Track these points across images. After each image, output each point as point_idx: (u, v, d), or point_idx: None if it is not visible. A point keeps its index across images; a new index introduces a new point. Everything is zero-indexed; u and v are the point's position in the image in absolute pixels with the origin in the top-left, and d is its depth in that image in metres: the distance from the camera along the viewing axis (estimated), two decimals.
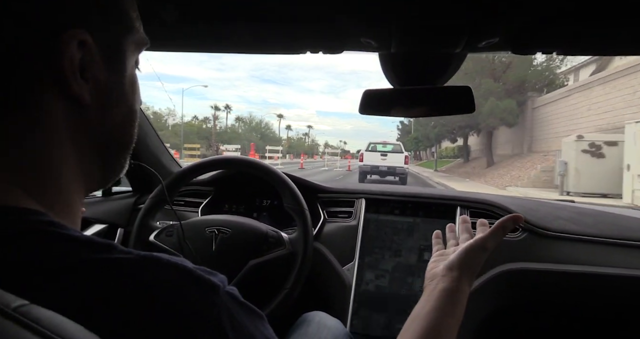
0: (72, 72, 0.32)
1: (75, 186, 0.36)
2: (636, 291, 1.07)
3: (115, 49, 0.36)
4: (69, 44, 0.32)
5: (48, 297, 0.26)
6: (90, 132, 0.36)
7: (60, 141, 0.34)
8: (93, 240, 0.30)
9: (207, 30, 0.72)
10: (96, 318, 0.27)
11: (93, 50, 0.34)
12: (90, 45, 0.33)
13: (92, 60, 0.34)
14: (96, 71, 0.34)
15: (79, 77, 0.33)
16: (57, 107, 0.33)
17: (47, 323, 0.23)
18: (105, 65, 0.35)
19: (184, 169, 1.12)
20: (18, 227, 0.29)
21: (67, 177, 0.35)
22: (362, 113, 0.90)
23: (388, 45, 0.70)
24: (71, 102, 0.33)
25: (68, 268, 0.28)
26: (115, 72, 0.37)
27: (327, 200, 1.34)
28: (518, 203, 1.25)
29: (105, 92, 0.36)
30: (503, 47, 0.71)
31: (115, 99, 0.37)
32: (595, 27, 0.63)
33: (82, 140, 0.35)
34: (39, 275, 0.28)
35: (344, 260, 1.21)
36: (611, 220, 1.18)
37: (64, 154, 0.34)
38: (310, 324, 0.86)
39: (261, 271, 0.97)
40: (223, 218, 1.03)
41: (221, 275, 0.33)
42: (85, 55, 0.33)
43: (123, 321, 0.27)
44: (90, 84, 0.34)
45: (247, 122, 63.29)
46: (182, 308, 0.29)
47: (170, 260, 0.31)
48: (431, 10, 0.59)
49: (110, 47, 0.36)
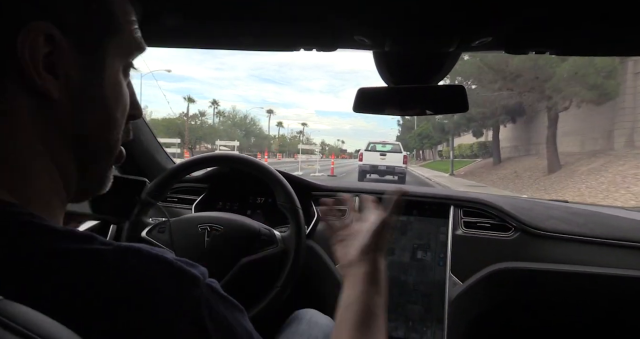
0: (35, 65, 0.31)
1: (53, 186, 0.35)
2: (626, 290, 1.08)
3: (93, 49, 0.35)
4: (31, 36, 0.31)
5: (25, 288, 0.26)
6: (61, 131, 0.35)
7: (27, 137, 0.33)
8: (72, 231, 0.30)
9: (203, 27, 0.72)
10: (73, 309, 0.27)
11: (64, 46, 0.32)
12: (59, 40, 0.32)
13: (62, 56, 0.33)
14: (68, 68, 0.33)
15: (42, 71, 0.32)
16: (22, 101, 0.32)
17: (21, 319, 0.23)
18: (80, 64, 0.34)
19: (177, 165, 1.11)
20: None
21: (42, 177, 0.34)
22: (357, 111, 0.90)
23: (382, 43, 0.70)
24: (38, 97, 0.32)
25: (46, 258, 0.28)
26: (91, 71, 0.35)
27: (320, 198, 1.33)
28: (511, 202, 1.25)
29: (78, 91, 0.34)
30: (496, 47, 0.71)
31: (90, 100, 0.36)
32: (587, 28, 0.64)
33: (53, 139, 0.34)
34: (17, 266, 0.27)
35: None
36: (601, 220, 1.19)
37: (33, 151, 0.33)
38: (302, 322, 0.86)
39: (253, 269, 0.97)
40: (216, 215, 1.03)
41: (202, 267, 0.33)
42: (55, 50, 0.32)
43: (101, 312, 0.27)
44: (61, 80, 0.33)
45: (230, 117, 53.54)
46: (161, 298, 0.29)
47: (151, 251, 0.31)
48: (424, 10, 0.59)
49: (87, 45, 0.35)
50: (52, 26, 0.31)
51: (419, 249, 1.22)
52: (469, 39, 0.67)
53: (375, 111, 0.90)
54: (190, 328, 0.29)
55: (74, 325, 0.25)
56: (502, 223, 1.19)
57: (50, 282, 0.27)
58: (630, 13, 0.58)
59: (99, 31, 0.35)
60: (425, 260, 1.21)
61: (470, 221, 1.21)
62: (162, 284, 0.30)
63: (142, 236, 1.01)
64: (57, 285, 0.27)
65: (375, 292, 0.55)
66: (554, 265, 1.11)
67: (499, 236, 1.17)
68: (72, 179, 0.37)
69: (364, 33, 0.67)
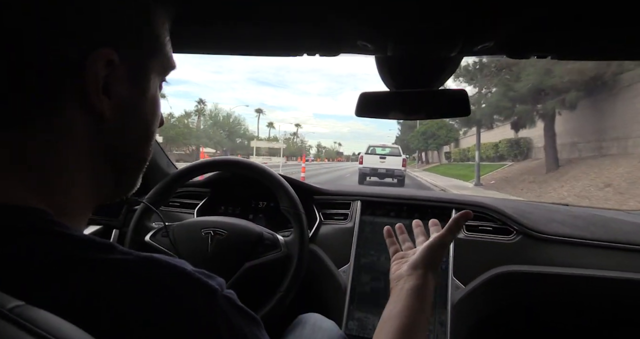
0: (95, 89, 0.33)
1: (86, 197, 0.36)
2: (628, 293, 1.08)
3: (140, 68, 0.38)
4: (96, 63, 0.33)
5: (46, 296, 0.26)
6: (107, 145, 0.36)
7: (78, 151, 0.34)
8: (93, 240, 0.31)
9: (205, 32, 0.72)
10: (93, 318, 0.27)
11: (119, 68, 0.34)
12: (116, 63, 0.34)
13: (116, 78, 0.35)
14: (120, 88, 0.35)
15: (101, 93, 0.34)
16: (79, 120, 0.34)
17: (42, 324, 0.23)
18: (129, 83, 0.37)
19: (180, 170, 1.11)
20: (20, 226, 0.29)
21: (80, 188, 0.35)
22: (359, 115, 0.90)
23: (384, 48, 0.71)
24: (93, 115, 0.34)
25: (67, 267, 0.28)
26: (138, 89, 0.38)
27: (323, 202, 1.34)
28: (513, 206, 1.25)
29: (126, 108, 0.37)
30: (498, 51, 0.71)
31: (135, 116, 0.38)
32: (589, 33, 0.64)
33: (99, 152, 0.36)
34: (37, 274, 0.28)
35: (340, 262, 1.21)
36: (603, 223, 1.19)
37: (80, 165, 0.35)
38: (305, 326, 0.86)
39: (256, 273, 0.97)
40: (219, 219, 1.03)
41: (220, 279, 0.34)
42: (111, 73, 0.34)
43: (120, 322, 0.27)
44: (112, 100, 0.35)
45: (213, 115, 47.71)
46: (179, 310, 0.29)
47: (170, 262, 0.31)
48: (427, 14, 0.59)
49: (137, 65, 0.37)
50: (113, 52, 0.33)
51: None
52: (470, 43, 0.68)
53: (377, 115, 0.91)
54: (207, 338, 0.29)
55: (93, 333, 0.26)
56: (503, 226, 1.19)
57: (70, 291, 0.27)
58: (634, 16, 0.59)
59: (147, 53, 0.38)
60: None
61: (472, 224, 1.22)
62: (180, 295, 0.30)
63: (145, 241, 1.01)
64: (76, 294, 0.27)
65: (418, 308, 0.55)
66: (556, 268, 1.11)
67: (501, 240, 1.17)
68: (105, 192, 0.39)
69: (367, 38, 0.68)
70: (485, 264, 1.14)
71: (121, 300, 0.28)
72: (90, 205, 0.38)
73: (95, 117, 0.34)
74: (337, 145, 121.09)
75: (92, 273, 0.29)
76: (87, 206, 0.37)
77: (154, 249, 1.00)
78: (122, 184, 0.41)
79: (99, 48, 0.33)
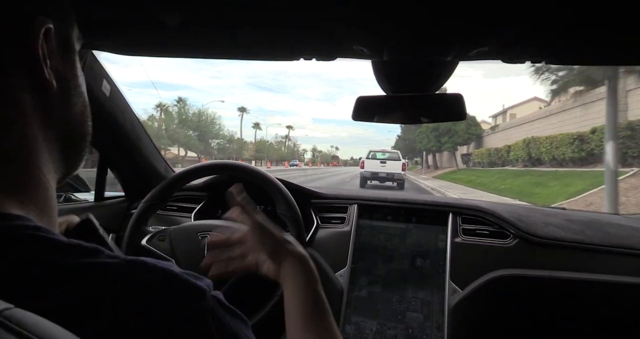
0: (44, 60, 0.32)
1: (49, 178, 0.35)
2: (624, 296, 1.09)
3: (68, 39, 0.37)
4: (39, 32, 0.31)
5: (34, 301, 0.26)
6: (56, 121, 0.35)
7: (33, 134, 0.33)
8: (79, 245, 0.30)
9: (202, 38, 0.73)
10: (82, 322, 0.27)
11: (54, 41, 0.33)
12: (52, 35, 0.33)
13: (52, 50, 0.33)
14: (55, 60, 0.34)
15: (48, 65, 0.32)
16: (27, 99, 0.32)
17: (31, 327, 0.23)
18: (62, 55, 0.35)
19: (177, 174, 1.11)
20: (3, 232, 0.29)
21: (42, 171, 0.34)
22: (355, 119, 0.91)
23: (380, 53, 0.71)
24: (39, 92, 0.33)
25: (54, 272, 0.28)
26: (69, 63, 0.37)
27: (320, 206, 1.34)
28: (510, 210, 1.26)
29: (65, 81, 0.36)
30: (493, 57, 0.72)
31: (74, 89, 0.37)
32: (583, 38, 0.65)
33: (49, 131, 0.35)
34: (25, 280, 0.27)
35: (337, 266, 1.21)
36: (599, 227, 1.19)
37: (37, 148, 0.34)
38: None
39: (253, 277, 0.97)
40: (216, 223, 1.03)
41: (207, 280, 0.34)
42: (48, 44, 0.32)
43: (109, 325, 0.27)
44: (53, 73, 0.34)
45: (182, 112, 39.08)
46: (168, 311, 0.29)
47: (157, 264, 0.31)
48: (422, 20, 0.60)
49: (65, 37, 0.36)
50: (49, 20, 0.32)
51: (418, 257, 1.22)
52: (466, 48, 0.69)
53: (374, 119, 0.91)
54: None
55: (83, 337, 0.25)
56: (500, 230, 1.19)
57: (58, 296, 0.27)
58: (628, 21, 0.59)
59: (70, 23, 0.37)
60: (424, 268, 1.21)
61: (469, 228, 1.22)
62: (168, 296, 0.30)
63: (142, 244, 1.01)
64: (65, 299, 0.27)
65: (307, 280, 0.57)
66: (553, 272, 1.11)
67: (498, 243, 1.17)
68: (59, 169, 0.38)
69: (362, 43, 0.69)
70: (483, 268, 1.14)
71: (110, 303, 0.28)
72: (53, 188, 0.36)
73: (43, 92, 0.33)
74: (334, 149, 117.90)
75: (80, 277, 0.28)
76: (52, 191, 0.36)
77: (151, 253, 0.99)
78: (71, 162, 0.39)
79: (36, 16, 0.31)
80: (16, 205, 0.31)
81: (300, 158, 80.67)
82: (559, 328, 1.20)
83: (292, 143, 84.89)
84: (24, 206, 0.32)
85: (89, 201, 1.35)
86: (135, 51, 0.83)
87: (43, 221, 0.33)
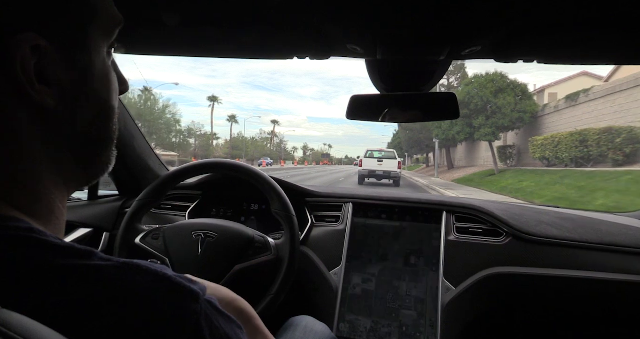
0: (29, 79, 0.30)
1: (55, 190, 0.35)
2: (616, 293, 1.10)
3: (77, 45, 0.34)
4: (18, 50, 0.30)
5: (25, 302, 0.26)
6: (63, 134, 0.34)
7: (30, 150, 0.33)
8: (72, 247, 0.30)
9: (198, 36, 0.73)
10: (74, 324, 0.27)
11: (50, 52, 0.31)
12: (45, 47, 0.31)
13: (50, 63, 0.32)
14: (58, 73, 0.32)
15: (36, 83, 0.31)
16: (22, 115, 0.32)
17: (19, 328, 0.23)
18: (67, 65, 0.33)
19: (171, 172, 1.11)
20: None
21: (46, 184, 0.34)
22: (350, 118, 0.91)
23: (374, 52, 0.72)
24: (35, 109, 0.32)
25: (46, 273, 0.28)
26: (79, 69, 0.34)
27: (315, 204, 1.34)
28: (503, 208, 1.27)
29: (71, 92, 0.34)
30: (486, 56, 0.72)
31: (84, 98, 0.35)
32: (575, 37, 0.65)
33: (55, 144, 0.34)
34: (15, 280, 0.27)
35: (331, 264, 1.22)
36: (591, 225, 1.20)
37: (37, 161, 0.33)
38: (297, 329, 0.86)
39: (247, 276, 0.97)
40: (210, 222, 1.03)
41: (201, 284, 0.33)
42: (42, 59, 0.31)
43: (100, 328, 0.27)
44: (53, 88, 0.32)
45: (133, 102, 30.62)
46: (162, 314, 0.29)
47: (150, 267, 0.31)
48: (415, 19, 0.60)
49: (71, 44, 0.33)
50: (37, 36, 0.30)
51: (412, 255, 1.23)
52: (459, 48, 0.69)
53: (368, 118, 0.92)
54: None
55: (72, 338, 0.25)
56: (493, 228, 1.20)
57: (50, 298, 0.27)
58: (619, 21, 0.60)
59: (79, 24, 0.34)
60: (418, 266, 1.21)
61: (463, 226, 1.23)
62: (162, 299, 0.30)
63: (135, 243, 1.01)
64: (56, 301, 0.27)
65: None
66: (545, 270, 1.12)
67: (491, 241, 1.18)
68: (76, 178, 0.37)
69: (356, 42, 0.69)
70: (476, 266, 1.15)
71: (102, 305, 0.28)
72: (63, 199, 0.36)
73: (40, 110, 0.32)
74: (328, 147, 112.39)
75: (73, 279, 0.28)
76: (59, 203, 0.36)
77: (144, 251, 0.99)
78: (91, 168, 0.38)
79: (18, 34, 0.29)
80: (19, 212, 0.31)
81: (290, 157, 76.48)
82: (551, 325, 1.21)
83: (279, 140, 76.94)
84: (26, 214, 0.32)
85: (82, 200, 1.34)
86: (130, 50, 0.83)
87: (49, 228, 0.33)
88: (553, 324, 1.21)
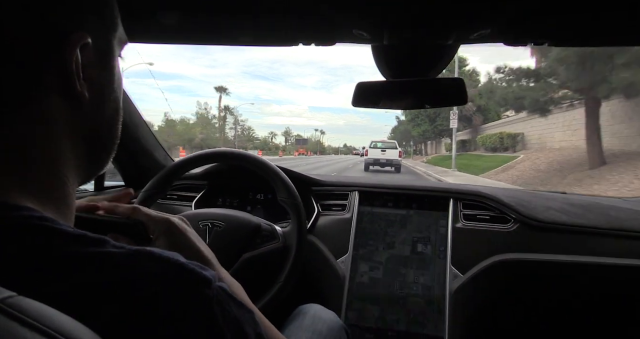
0: (77, 74, 0.33)
1: (70, 180, 0.36)
2: (625, 279, 1.09)
3: (107, 47, 0.38)
4: (75, 47, 0.33)
5: (38, 290, 0.26)
6: (85, 129, 0.37)
7: (59, 138, 0.35)
8: (85, 235, 0.31)
9: (200, 23, 0.72)
10: (89, 311, 0.27)
11: (91, 52, 0.35)
12: (89, 47, 0.34)
13: (89, 61, 0.35)
14: (92, 70, 0.36)
15: (81, 78, 0.34)
16: (59, 107, 0.34)
17: (35, 314, 0.23)
18: (99, 64, 0.37)
19: (177, 162, 1.11)
20: (8, 222, 0.29)
21: (64, 172, 0.35)
22: (355, 106, 0.90)
23: (380, 37, 0.70)
24: (72, 101, 0.34)
25: (59, 261, 0.28)
26: (106, 70, 0.38)
27: (321, 193, 1.34)
28: (510, 194, 1.26)
29: (98, 90, 0.37)
30: (495, 39, 0.71)
31: (107, 96, 0.39)
32: (586, 18, 0.63)
33: (77, 136, 0.36)
34: (29, 268, 0.28)
35: (338, 253, 1.22)
36: (599, 210, 1.19)
37: (61, 150, 0.35)
38: (306, 317, 0.87)
39: (255, 264, 0.97)
40: (216, 211, 1.03)
41: (213, 270, 0.34)
42: (84, 57, 0.34)
43: (114, 314, 0.27)
44: (87, 83, 0.35)
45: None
46: (174, 299, 0.29)
47: (163, 254, 0.32)
48: (422, 2, 0.58)
49: (103, 46, 0.37)
50: (86, 35, 0.34)
51: (419, 242, 1.22)
52: (467, 31, 0.67)
53: (374, 105, 0.90)
54: (204, 327, 0.30)
55: (89, 325, 0.26)
56: (501, 215, 1.19)
57: (64, 284, 0.27)
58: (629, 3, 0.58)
59: (108, 31, 0.38)
60: (425, 253, 1.21)
61: (470, 213, 1.22)
62: (174, 285, 0.30)
63: None
64: (70, 287, 0.27)
65: None
66: (554, 256, 1.11)
67: (499, 228, 1.18)
68: (83, 171, 0.39)
69: (362, 27, 0.67)
70: (483, 253, 1.15)
71: (116, 292, 0.28)
72: (74, 189, 0.38)
73: (74, 102, 0.35)
74: (319, 133, 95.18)
75: (87, 266, 0.29)
76: (71, 192, 0.37)
77: None
78: (96, 164, 0.41)
79: (73, 33, 0.33)
80: (31, 201, 0.32)
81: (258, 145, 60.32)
82: (559, 311, 1.21)
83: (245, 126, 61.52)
84: (39, 202, 0.32)
85: (89, 191, 1.35)
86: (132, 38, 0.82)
87: (61, 218, 0.33)
88: (562, 310, 1.21)
